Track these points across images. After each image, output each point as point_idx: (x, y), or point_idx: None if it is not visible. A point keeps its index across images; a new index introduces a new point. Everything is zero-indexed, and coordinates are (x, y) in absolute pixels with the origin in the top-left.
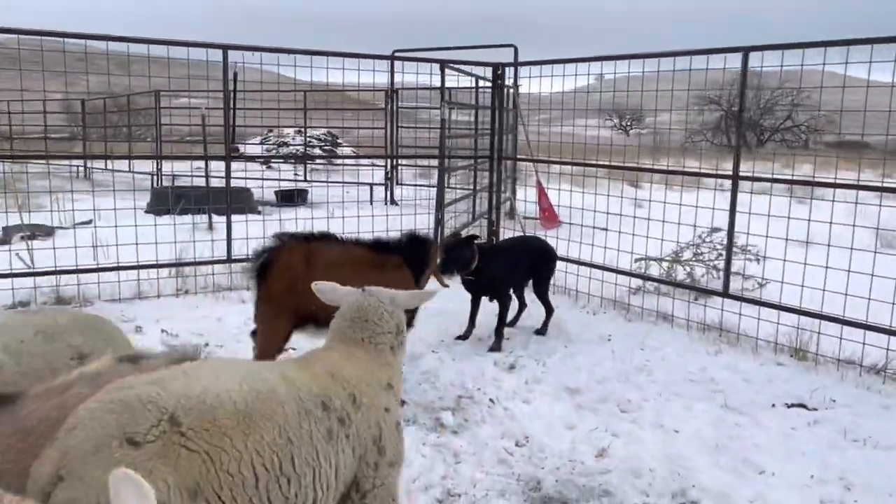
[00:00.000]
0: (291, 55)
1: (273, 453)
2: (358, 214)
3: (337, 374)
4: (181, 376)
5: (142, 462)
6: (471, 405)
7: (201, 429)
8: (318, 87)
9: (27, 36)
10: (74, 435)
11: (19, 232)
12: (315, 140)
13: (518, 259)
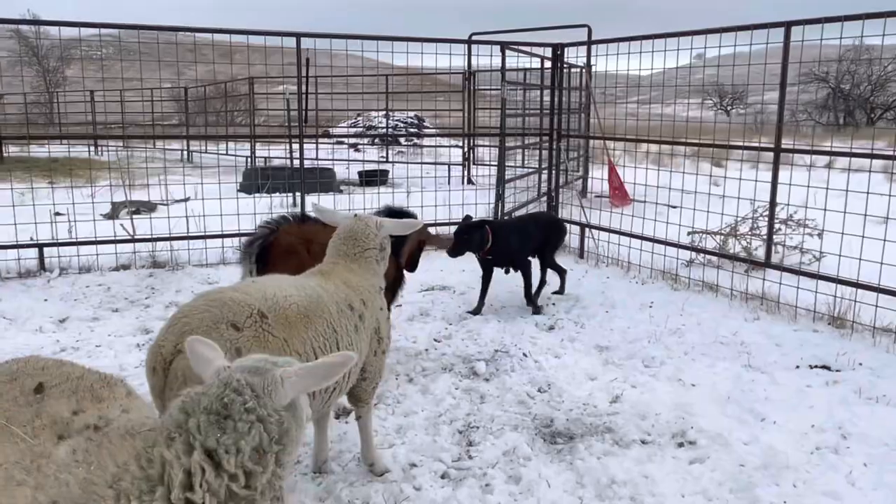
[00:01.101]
0: (375, 41)
1: (325, 340)
2: (434, 190)
3: (348, 282)
4: (254, 286)
5: (243, 342)
6: (504, 358)
7: (279, 321)
8: (399, 71)
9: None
10: (187, 322)
11: (125, 207)
12: (401, 123)
13: (529, 232)
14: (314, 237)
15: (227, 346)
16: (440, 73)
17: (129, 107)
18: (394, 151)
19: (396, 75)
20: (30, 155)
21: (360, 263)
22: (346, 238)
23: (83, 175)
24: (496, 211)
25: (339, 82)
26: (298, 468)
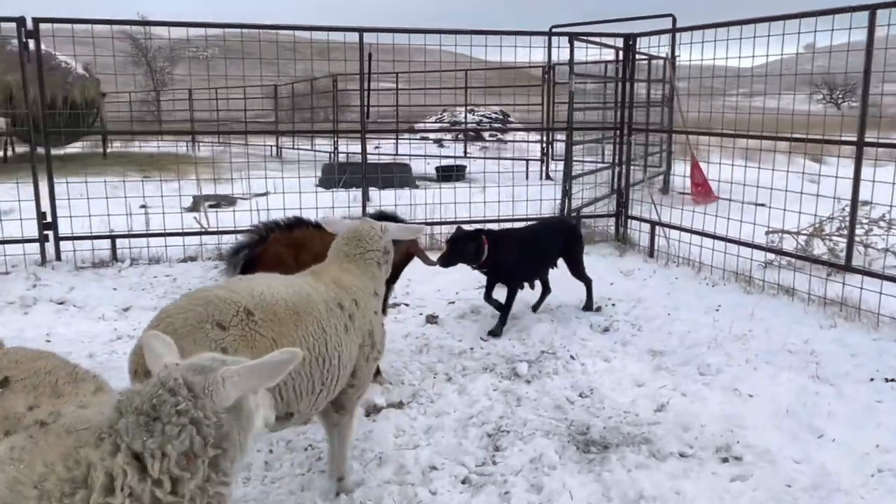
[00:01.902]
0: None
1: (315, 339)
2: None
3: (340, 283)
4: (241, 283)
5: (229, 342)
6: (550, 360)
7: (267, 319)
8: (478, 65)
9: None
10: (171, 322)
11: (206, 201)
12: (486, 119)
13: (536, 245)
14: (305, 244)
15: (213, 346)
16: (519, 66)
17: (229, 104)
18: (477, 147)
19: (473, 70)
20: (136, 150)
21: (359, 265)
22: (349, 239)
23: (175, 170)
24: (562, 207)
25: (418, 78)
26: (318, 465)
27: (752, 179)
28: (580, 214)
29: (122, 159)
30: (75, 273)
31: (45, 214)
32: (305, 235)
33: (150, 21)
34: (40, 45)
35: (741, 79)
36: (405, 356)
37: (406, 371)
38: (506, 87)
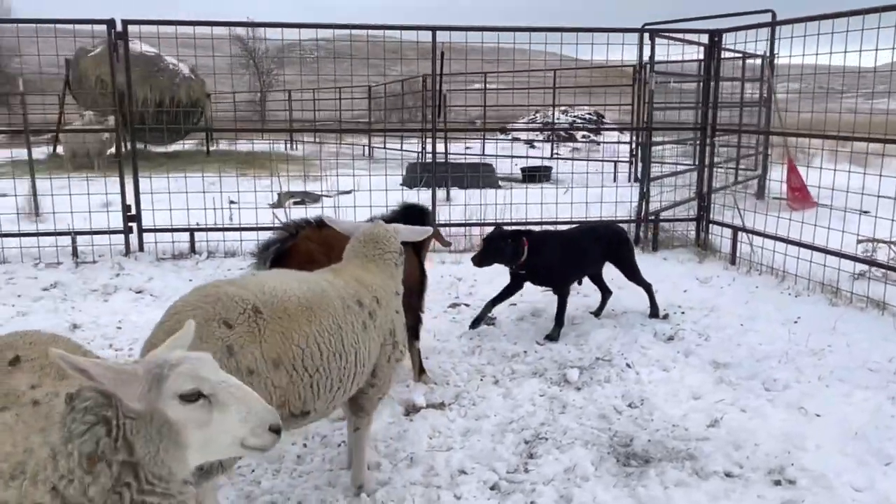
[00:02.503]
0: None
1: (330, 335)
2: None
3: (361, 280)
4: (253, 279)
5: (235, 339)
6: (604, 367)
7: (276, 316)
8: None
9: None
10: (179, 318)
11: (291, 198)
12: (579, 119)
13: (577, 248)
14: (335, 243)
15: (220, 344)
16: (610, 65)
17: (329, 104)
18: (568, 148)
19: (562, 69)
20: (237, 148)
21: (378, 265)
22: (366, 241)
23: (269, 167)
24: (639, 210)
25: (509, 78)
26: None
27: (858, 186)
28: (658, 218)
29: (222, 157)
30: (156, 264)
31: (129, 207)
32: (336, 234)
33: (225, 22)
34: (128, 45)
35: (848, 77)
36: (456, 357)
37: (453, 372)
38: (596, 88)
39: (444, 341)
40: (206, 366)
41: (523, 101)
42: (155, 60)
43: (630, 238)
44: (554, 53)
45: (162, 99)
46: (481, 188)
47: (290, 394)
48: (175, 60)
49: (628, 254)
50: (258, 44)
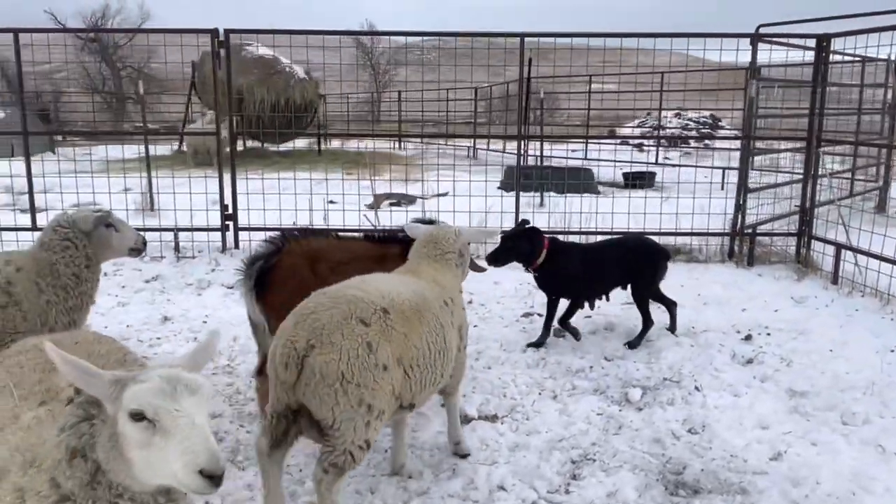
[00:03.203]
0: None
1: (435, 334)
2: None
3: (437, 281)
4: (367, 284)
5: (372, 336)
6: (671, 388)
7: (399, 317)
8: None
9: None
10: (317, 318)
11: (387, 199)
12: (693, 122)
13: (599, 263)
14: (322, 255)
15: (360, 341)
16: (722, 68)
17: (438, 106)
18: (680, 153)
19: (671, 72)
20: (346, 148)
21: (441, 264)
22: (427, 242)
23: (370, 169)
24: (734, 223)
25: (618, 81)
26: (380, 468)
27: None
28: (755, 231)
29: (332, 156)
30: None
31: (227, 206)
32: (323, 246)
33: (318, 31)
34: (230, 52)
35: None
36: (518, 368)
37: (512, 384)
38: (706, 91)
39: (509, 352)
40: (166, 389)
41: (631, 103)
42: (272, 63)
43: (662, 257)
44: (664, 50)
45: (277, 100)
46: (581, 194)
47: (403, 389)
48: (291, 63)
49: (652, 274)
50: (375, 46)
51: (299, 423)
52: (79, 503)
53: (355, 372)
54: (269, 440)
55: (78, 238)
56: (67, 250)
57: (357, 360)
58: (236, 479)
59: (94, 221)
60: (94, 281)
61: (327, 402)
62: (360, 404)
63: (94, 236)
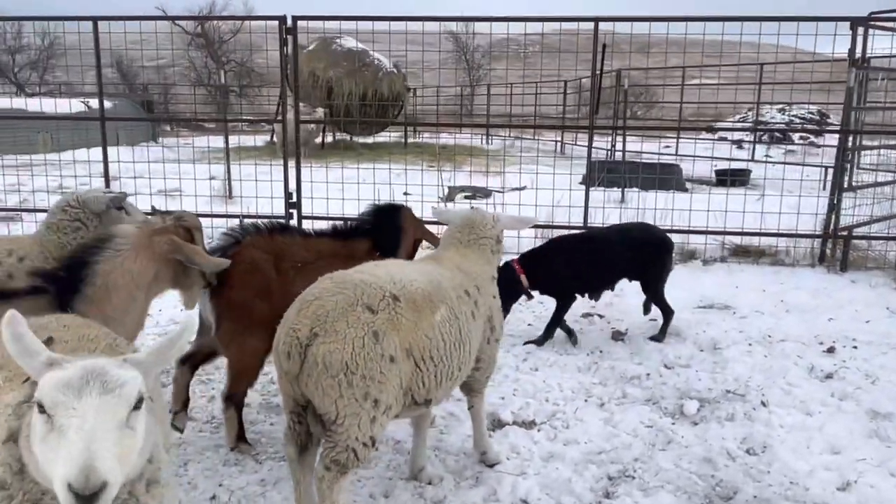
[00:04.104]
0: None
1: (450, 325)
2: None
3: (462, 269)
4: (379, 269)
5: (379, 325)
6: (733, 402)
7: (409, 305)
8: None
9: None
10: (321, 305)
11: (462, 192)
12: (797, 119)
13: (599, 253)
14: (285, 252)
15: (365, 329)
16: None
17: (529, 100)
18: (781, 150)
19: (768, 63)
20: (431, 140)
21: (474, 250)
22: (462, 226)
23: (460, 160)
24: (826, 224)
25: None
26: (399, 471)
27: None
28: (851, 234)
29: (419, 149)
30: None
31: (291, 195)
32: (287, 243)
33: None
34: (297, 41)
35: None
36: (567, 372)
37: (557, 388)
38: (803, 84)
39: (560, 353)
40: (74, 383)
41: (729, 97)
42: (361, 56)
43: (670, 251)
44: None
45: (365, 92)
46: (665, 190)
47: (414, 383)
48: (380, 56)
49: (660, 268)
50: (469, 39)
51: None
52: (12, 493)
53: (360, 363)
54: (296, 446)
55: (88, 219)
56: (78, 231)
57: (362, 350)
58: (251, 472)
59: (107, 203)
60: None
61: (331, 394)
62: (366, 398)
63: (104, 218)
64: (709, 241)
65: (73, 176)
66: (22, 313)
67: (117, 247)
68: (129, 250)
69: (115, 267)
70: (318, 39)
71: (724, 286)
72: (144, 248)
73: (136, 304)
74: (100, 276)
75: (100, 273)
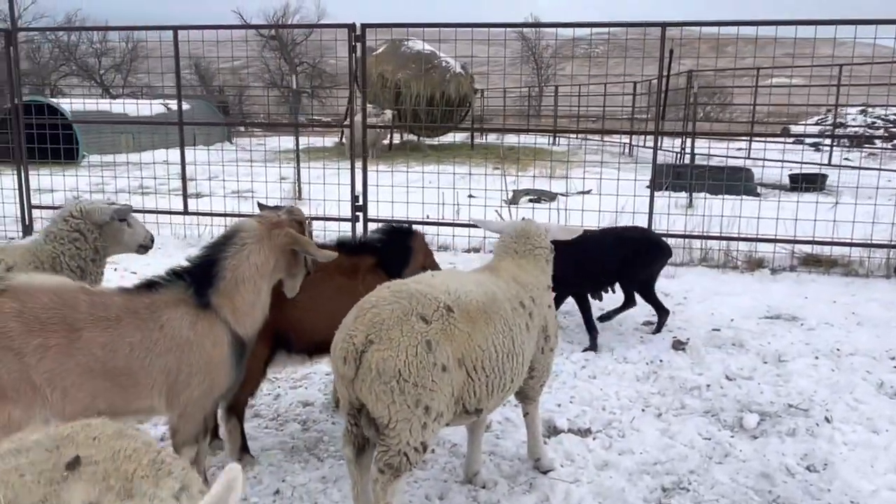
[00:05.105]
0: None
1: (504, 337)
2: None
3: (518, 279)
4: (434, 279)
5: (432, 334)
6: (795, 417)
7: (463, 316)
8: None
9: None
10: (377, 313)
11: (526, 195)
12: (880, 121)
13: (588, 254)
14: None
15: (419, 338)
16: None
17: (598, 101)
18: (863, 153)
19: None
20: (497, 141)
21: (529, 260)
22: (517, 237)
23: (525, 163)
24: None
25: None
26: (455, 474)
27: None
28: None
29: (485, 150)
30: None
31: (357, 198)
32: None
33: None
34: (366, 47)
35: None
36: (625, 381)
37: (614, 397)
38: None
39: (619, 362)
40: None
41: (804, 99)
42: (430, 58)
43: (665, 254)
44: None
45: (433, 94)
46: (734, 195)
47: (466, 392)
48: (449, 58)
49: (646, 270)
50: (537, 39)
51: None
52: None
53: (413, 370)
54: (353, 447)
55: (89, 230)
56: (76, 241)
57: (415, 359)
58: (312, 469)
59: (111, 214)
60: (98, 275)
61: (383, 399)
62: (417, 405)
63: (106, 230)
64: (777, 250)
65: (153, 177)
66: (161, 302)
67: (242, 241)
68: (254, 244)
69: (242, 260)
70: (386, 42)
71: (793, 296)
72: (266, 240)
73: (261, 295)
74: (229, 270)
75: (229, 267)
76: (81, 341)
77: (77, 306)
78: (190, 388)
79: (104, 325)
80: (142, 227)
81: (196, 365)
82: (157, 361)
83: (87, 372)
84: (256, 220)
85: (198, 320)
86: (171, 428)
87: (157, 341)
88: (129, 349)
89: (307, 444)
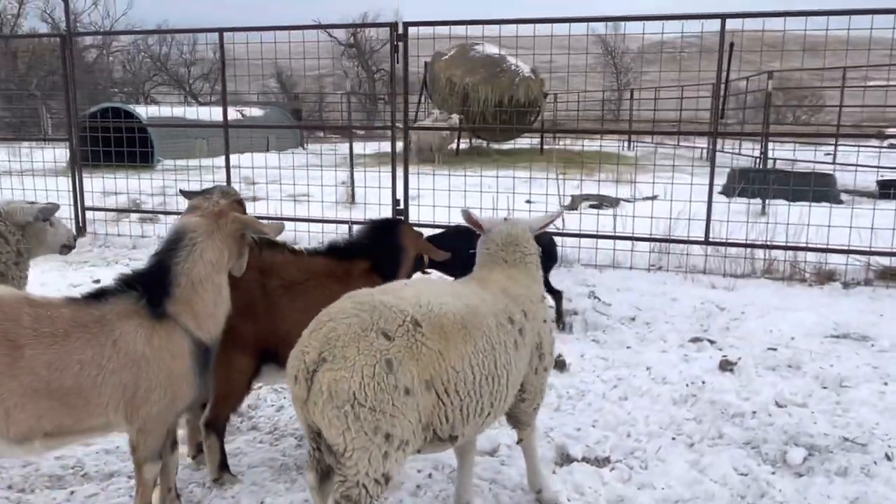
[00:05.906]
0: None
1: (483, 356)
2: None
3: (508, 292)
4: (407, 289)
5: (395, 353)
6: (850, 452)
7: (434, 332)
8: None
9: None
10: (333, 327)
11: (587, 200)
12: None
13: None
14: (273, 269)
15: (377, 357)
16: None
17: (680, 104)
18: None
19: None
20: (562, 146)
21: (521, 269)
22: (506, 245)
23: (591, 168)
24: None
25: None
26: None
27: None
28: None
29: (549, 155)
30: None
31: (398, 202)
32: (277, 260)
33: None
34: (408, 47)
35: None
36: (659, 403)
37: (642, 422)
38: None
39: (657, 382)
40: None
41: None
42: (498, 62)
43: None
44: None
45: (501, 98)
46: (817, 202)
47: (436, 417)
48: (519, 62)
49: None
50: (618, 42)
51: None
52: None
53: (369, 394)
54: (316, 474)
55: (10, 232)
56: None
57: (372, 380)
58: (298, 491)
59: (35, 214)
60: (21, 278)
61: (337, 425)
62: (376, 432)
63: (29, 231)
64: (851, 262)
65: (211, 181)
66: (113, 314)
67: (192, 241)
68: (205, 240)
69: (196, 261)
70: (456, 46)
71: (865, 313)
72: (216, 233)
73: (221, 292)
74: (184, 275)
75: (183, 272)
76: (24, 360)
77: (20, 319)
78: (149, 403)
79: (49, 342)
80: (64, 226)
81: (155, 380)
82: (111, 379)
83: (32, 392)
84: (199, 214)
85: (154, 333)
86: (132, 444)
87: (110, 358)
88: (78, 367)
89: (298, 462)
